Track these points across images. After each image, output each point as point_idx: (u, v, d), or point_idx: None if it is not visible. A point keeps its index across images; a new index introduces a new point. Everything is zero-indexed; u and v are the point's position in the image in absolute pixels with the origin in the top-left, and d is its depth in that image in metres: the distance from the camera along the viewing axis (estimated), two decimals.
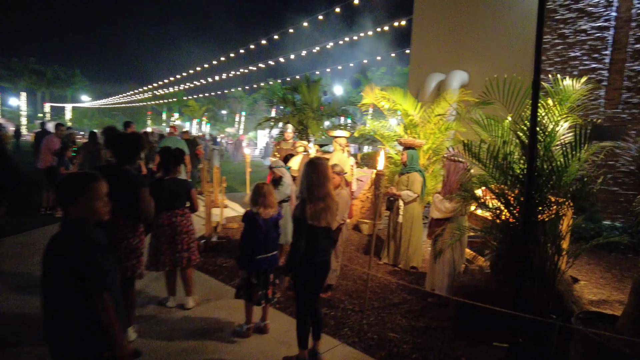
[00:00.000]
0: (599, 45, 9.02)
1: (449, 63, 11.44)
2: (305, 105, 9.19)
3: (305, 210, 2.71)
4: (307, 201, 2.73)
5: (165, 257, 3.82)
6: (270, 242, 3.58)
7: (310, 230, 2.74)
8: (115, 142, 3.22)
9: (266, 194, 3.52)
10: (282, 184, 5.09)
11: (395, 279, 5.08)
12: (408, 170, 5.40)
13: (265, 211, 3.49)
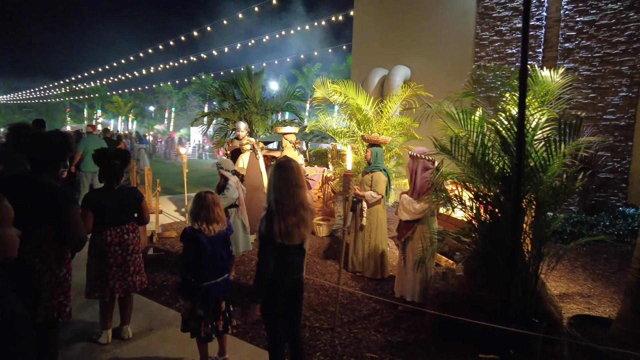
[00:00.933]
0: (532, 43, 9.37)
1: (391, 58, 11.38)
2: (247, 100, 8.54)
3: (272, 227, 2.20)
4: (276, 214, 2.22)
5: (115, 283, 3.13)
6: (219, 264, 3.00)
7: (280, 248, 2.24)
8: (31, 144, 2.41)
9: (210, 205, 2.92)
10: (228, 187, 4.49)
11: (359, 286, 4.72)
12: (372, 169, 5.04)
13: (211, 227, 2.89)
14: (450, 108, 3.72)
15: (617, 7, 8.45)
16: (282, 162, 2.28)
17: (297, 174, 2.26)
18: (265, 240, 2.21)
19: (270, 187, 2.28)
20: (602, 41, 8.61)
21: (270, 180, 2.27)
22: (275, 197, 2.22)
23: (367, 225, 5.06)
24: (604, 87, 8.63)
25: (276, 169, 2.27)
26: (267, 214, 2.24)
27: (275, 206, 2.22)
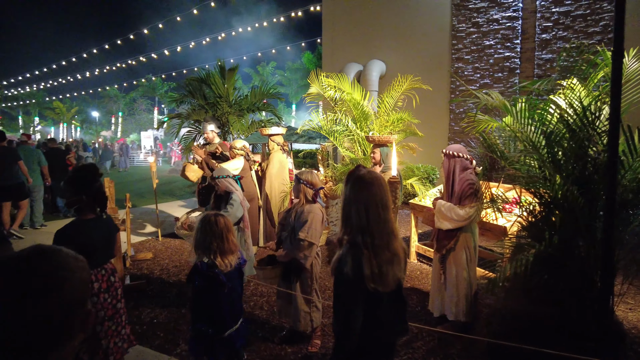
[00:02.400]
0: (510, 34, 9.28)
1: (365, 53, 10.94)
2: (220, 99, 7.74)
3: (362, 267, 1.55)
4: (364, 249, 1.58)
5: (109, 341, 2.37)
6: (237, 305, 2.47)
7: (371, 298, 1.58)
8: None
9: (224, 233, 2.34)
10: (232, 203, 3.77)
11: None
12: (384, 170, 4.53)
13: (226, 260, 2.31)
14: (498, 98, 3.23)
15: None
16: (363, 174, 1.64)
17: (385, 191, 1.64)
18: (350, 286, 1.55)
19: (348, 211, 1.64)
20: (578, 32, 8.64)
21: (349, 201, 1.63)
22: (360, 225, 1.58)
23: None
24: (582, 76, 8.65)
25: (355, 184, 1.63)
26: (351, 249, 1.59)
27: (361, 238, 1.58)
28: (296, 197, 3.41)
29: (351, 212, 1.62)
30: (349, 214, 1.62)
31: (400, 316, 1.70)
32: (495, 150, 3.18)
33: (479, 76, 9.69)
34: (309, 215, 3.20)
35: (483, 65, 9.61)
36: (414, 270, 5.19)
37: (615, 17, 2.31)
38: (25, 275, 0.81)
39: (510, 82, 9.32)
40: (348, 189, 1.65)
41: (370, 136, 4.70)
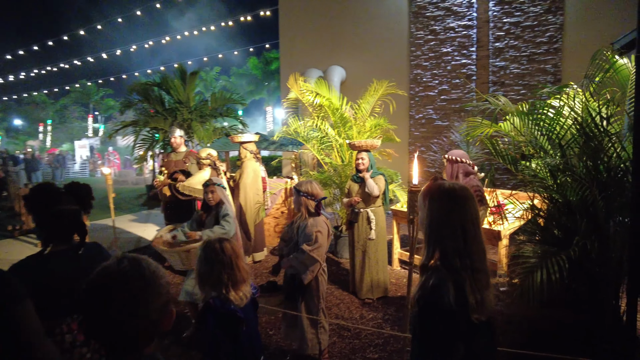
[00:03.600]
0: (466, 42, 9.62)
1: (325, 59, 10.86)
2: (180, 105, 7.25)
3: (466, 295, 1.34)
4: (464, 274, 1.37)
5: None
6: (257, 343, 2.17)
7: (469, 330, 1.36)
8: None
9: (233, 261, 1.99)
10: (228, 219, 3.41)
11: (381, 317, 4.01)
12: (373, 175, 4.42)
13: (240, 293, 1.98)
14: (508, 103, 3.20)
15: (538, 10, 9.03)
16: (453, 188, 1.44)
17: (476, 205, 1.46)
18: (453, 318, 1.33)
19: (438, 231, 1.43)
20: (528, 41, 9.14)
21: (439, 220, 1.42)
22: (457, 246, 1.39)
23: (375, 238, 4.42)
24: (532, 83, 9.16)
25: (446, 199, 1.44)
26: (450, 274, 1.37)
27: (459, 261, 1.39)
28: (297, 211, 3.17)
29: (443, 232, 1.41)
30: (441, 235, 1.42)
31: (492, 348, 1.51)
32: (504, 156, 3.15)
33: (437, 82, 9.94)
34: (314, 229, 2.96)
35: (441, 72, 9.88)
36: (400, 278, 5.10)
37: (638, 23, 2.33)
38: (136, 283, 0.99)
39: (468, 88, 9.66)
40: (436, 205, 1.45)
41: (356, 142, 4.56)
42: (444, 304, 1.32)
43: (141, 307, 0.97)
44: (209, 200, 3.52)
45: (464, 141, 8.73)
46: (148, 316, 0.99)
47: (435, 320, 1.35)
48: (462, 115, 9.63)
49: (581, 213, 2.61)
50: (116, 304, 0.95)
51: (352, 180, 4.58)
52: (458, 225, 1.40)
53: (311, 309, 3.00)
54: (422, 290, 1.40)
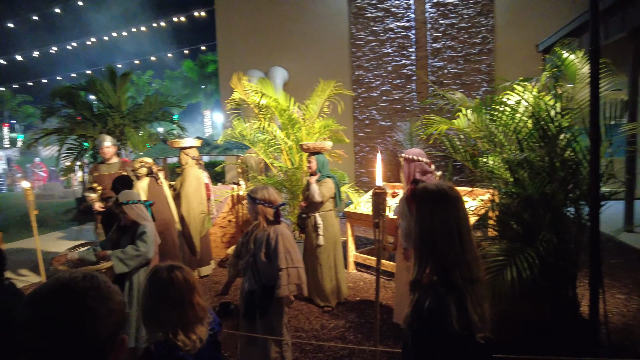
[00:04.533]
0: (405, 43, 9.81)
1: (266, 60, 10.56)
2: (111, 110, 6.63)
3: (468, 313, 1.18)
4: (464, 288, 1.21)
5: None
6: None
7: (475, 351, 1.20)
8: None
9: (185, 295, 1.58)
10: (144, 239, 2.99)
11: (342, 325, 3.83)
12: (320, 178, 4.25)
13: (194, 336, 1.57)
14: (464, 99, 3.15)
15: (471, 12, 9.43)
16: (445, 189, 1.28)
17: (465, 207, 1.31)
18: (460, 341, 1.16)
19: (432, 241, 1.25)
20: (463, 42, 9.51)
21: (432, 227, 1.25)
22: (455, 257, 1.22)
23: (324, 244, 4.24)
24: (469, 82, 9.55)
25: (439, 204, 1.26)
26: (451, 292, 1.19)
27: (459, 274, 1.22)
28: (253, 220, 2.89)
29: (437, 240, 1.24)
30: (435, 244, 1.24)
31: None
32: (461, 153, 3.10)
33: (379, 83, 10.03)
34: (279, 239, 2.71)
35: (382, 73, 9.98)
36: (357, 281, 4.98)
37: (592, 19, 2.35)
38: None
39: (408, 88, 9.84)
40: (426, 210, 1.27)
41: (305, 144, 4.37)
42: (446, 330, 1.14)
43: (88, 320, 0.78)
44: (123, 219, 3.11)
45: (408, 140, 8.87)
46: (96, 338, 0.79)
47: (438, 349, 1.17)
48: (404, 115, 9.80)
49: (544, 207, 2.60)
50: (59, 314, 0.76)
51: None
52: (454, 230, 1.24)
53: (274, 326, 2.75)
54: (417, 313, 1.23)
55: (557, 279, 2.74)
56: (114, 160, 5.09)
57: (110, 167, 5.02)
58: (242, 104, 5.57)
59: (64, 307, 0.77)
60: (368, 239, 6.81)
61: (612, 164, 2.81)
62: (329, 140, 5.62)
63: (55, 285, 0.81)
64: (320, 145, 4.37)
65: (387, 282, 4.84)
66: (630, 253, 5.31)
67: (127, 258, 2.94)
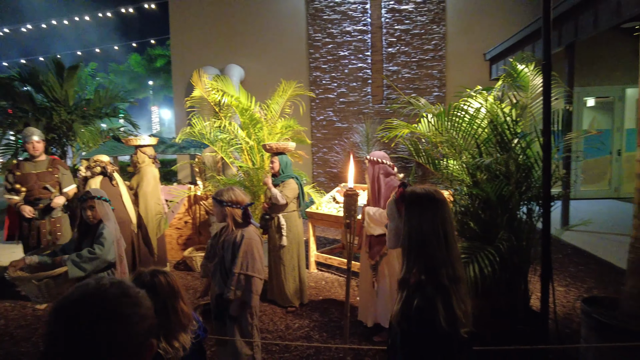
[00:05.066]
0: (361, 46, 10.01)
1: (222, 57, 10.36)
2: (56, 104, 6.24)
3: (454, 311, 1.25)
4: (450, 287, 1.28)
5: None
6: None
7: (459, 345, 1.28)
8: None
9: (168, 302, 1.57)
10: (103, 240, 2.86)
11: (307, 324, 3.87)
12: (283, 178, 4.28)
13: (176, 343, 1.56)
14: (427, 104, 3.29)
15: (424, 19, 9.81)
16: (432, 192, 1.35)
17: (450, 209, 1.39)
18: (447, 340, 1.23)
19: (420, 242, 1.32)
20: (417, 48, 9.87)
21: (420, 229, 1.31)
22: (441, 257, 1.29)
23: (288, 245, 4.27)
24: (422, 87, 9.93)
25: (427, 206, 1.33)
26: (438, 291, 1.26)
27: (445, 273, 1.29)
28: (220, 222, 2.86)
29: (426, 243, 1.31)
30: (424, 245, 1.31)
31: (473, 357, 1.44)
32: (424, 156, 3.24)
33: (335, 85, 10.17)
34: (243, 242, 2.69)
35: (339, 75, 10.12)
36: (318, 281, 5.04)
37: (544, 35, 2.54)
38: None
39: (364, 91, 10.06)
40: (415, 213, 1.34)
41: (268, 144, 4.36)
42: (435, 327, 1.22)
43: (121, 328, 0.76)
44: (88, 218, 2.93)
45: (364, 142, 9.07)
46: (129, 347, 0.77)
47: (428, 346, 1.24)
48: (360, 117, 10.00)
49: (501, 208, 2.79)
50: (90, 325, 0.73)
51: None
52: (441, 232, 1.32)
53: (244, 329, 2.73)
54: (407, 312, 1.29)
55: (512, 275, 2.94)
56: (42, 157, 4.50)
57: (37, 165, 4.44)
58: (202, 101, 5.45)
59: (95, 317, 0.74)
60: (327, 238, 6.90)
61: (559, 168, 3.07)
62: (291, 141, 5.66)
63: (83, 294, 0.78)
64: (284, 145, 4.38)
65: None
66: (566, 249, 5.79)
67: (82, 261, 2.79)
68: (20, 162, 4.55)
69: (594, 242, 5.93)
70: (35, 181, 4.38)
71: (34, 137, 4.39)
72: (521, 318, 3.00)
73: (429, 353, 1.24)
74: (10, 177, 4.38)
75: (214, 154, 5.55)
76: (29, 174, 4.38)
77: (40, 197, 4.40)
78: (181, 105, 10.59)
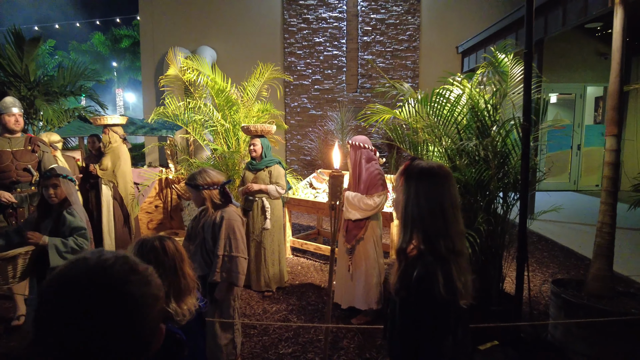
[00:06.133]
0: (337, 34, 9.97)
1: (193, 38, 10.06)
2: (15, 79, 5.87)
3: (454, 281, 1.27)
4: (452, 259, 1.30)
5: None
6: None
7: (458, 315, 1.31)
8: None
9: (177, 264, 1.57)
10: (83, 235, 2.65)
11: (284, 308, 3.86)
12: (267, 163, 4.22)
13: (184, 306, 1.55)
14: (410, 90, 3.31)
15: (400, 10, 9.87)
16: (434, 167, 1.37)
17: (456, 187, 1.41)
18: (446, 308, 1.25)
19: (417, 213, 1.33)
20: (391, 38, 9.93)
21: (417, 201, 1.33)
22: (438, 229, 1.31)
23: (271, 228, 4.24)
24: (395, 77, 10.00)
25: (426, 179, 1.34)
26: (438, 261, 1.28)
27: (444, 244, 1.30)
28: (200, 207, 2.76)
29: (422, 213, 1.32)
30: (420, 216, 1.33)
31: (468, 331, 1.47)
32: (405, 142, 3.28)
33: (310, 72, 10.09)
34: (223, 223, 2.62)
35: (314, 62, 10.05)
36: (294, 266, 5.03)
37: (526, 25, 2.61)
38: None
39: (339, 79, 10.04)
40: (413, 185, 1.35)
41: (249, 125, 4.28)
42: (435, 296, 1.23)
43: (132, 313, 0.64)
44: (50, 197, 2.65)
45: (339, 130, 9.08)
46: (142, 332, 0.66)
47: (426, 314, 1.26)
48: (334, 105, 9.99)
49: (481, 193, 2.87)
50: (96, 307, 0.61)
51: (247, 168, 4.30)
52: (438, 207, 1.33)
53: (226, 312, 2.69)
54: (406, 281, 1.30)
55: (487, 258, 3.04)
56: (18, 134, 3.81)
57: (13, 142, 3.73)
58: (176, 81, 5.26)
59: (102, 298, 0.62)
60: (301, 225, 6.89)
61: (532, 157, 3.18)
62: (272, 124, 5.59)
63: (85, 270, 0.65)
64: (268, 128, 4.31)
65: (323, 265, 4.96)
66: (532, 236, 6.05)
67: (67, 252, 2.55)
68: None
69: (557, 230, 6.23)
70: (12, 160, 3.67)
71: (13, 109, 3.70)
72: (495, 299, 3.12)
73: (428, 321, 1.26)
74: None
75: (187, 135, 5.40)
76: (3, 151, 3.64)
77: (19, 180, 3.70)
78: (150, 87, 10.22)
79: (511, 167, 3.05)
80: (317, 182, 5.41)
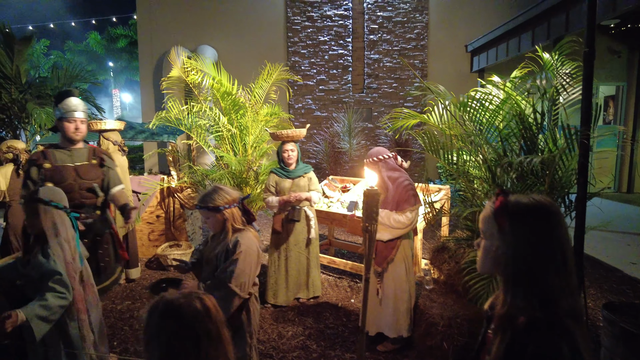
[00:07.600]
0: (342, 32, 9.63)
1: (193, 37, 9.71)
2: (5, 81, 5.50)
3: (582, 356, 0.94)
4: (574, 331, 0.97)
5: None
6: None
7: None
8: None
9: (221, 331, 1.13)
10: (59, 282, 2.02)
11: (301, 332, 3.52)
12: (305, 170, 4.06)
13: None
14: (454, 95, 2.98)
15: (407, 7, 9.54)
16: (541, 201, 1.03)
17: (566, 226, 1.08)
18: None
19: (535, 266, 0.99)
20: (399, 36, 9.60)
21: (531, 249, 1.00)
22: (564, 287, 0.98)
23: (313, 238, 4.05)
24: (403, 77, 9.69)
25: (538, 218, 1.01)
26: (564, 336, 0.95)
27: (568, 307, 0.97)
28: (218, 230, 2.35)
29: (540, 269, 0.99)
30: (537, 273, 0.99)
31: None
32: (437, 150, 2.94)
33: (315, 72, 9.75)
34: (238, 252, 2.20)
35: (319, 61, 9.71)
36: None
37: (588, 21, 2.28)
38: None
39: (344, 79, 9.71)
40: (525, 230, 1.01)
41: (283, 132, 3.95)
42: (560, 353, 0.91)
43: None
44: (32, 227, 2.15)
45: (346, 133, 8.75)
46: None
47: None
48: (340, 106, 9.66)
49: None
50: None
51: (279, 175, 3.95)
52: (559, 254, 1.00)
53: (243, 350, 2.34)
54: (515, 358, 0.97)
55: None
56: (80, 144, 3.09)
57: (74, 155, 2.97)
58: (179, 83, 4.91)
59: None
60: None
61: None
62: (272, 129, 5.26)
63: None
64: (300, 132, 4.02)
65: (338, 280, 4.62)
66: None
67: (52, 314, 2.00)
68: (47, 149, 2.97)
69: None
70: (75, 178, 2.90)
71: (76, 113, 2.85)
72: None
73: None
74: (35, 171, 2.84)
75: (190, 141, 5.05)
76: (64, 166, 2.88)
77: (83, 204, 2.92)
78: (148, 88, 9.86)
79: (559, 178, 2.71)
80: (329, 191, 5.06)
